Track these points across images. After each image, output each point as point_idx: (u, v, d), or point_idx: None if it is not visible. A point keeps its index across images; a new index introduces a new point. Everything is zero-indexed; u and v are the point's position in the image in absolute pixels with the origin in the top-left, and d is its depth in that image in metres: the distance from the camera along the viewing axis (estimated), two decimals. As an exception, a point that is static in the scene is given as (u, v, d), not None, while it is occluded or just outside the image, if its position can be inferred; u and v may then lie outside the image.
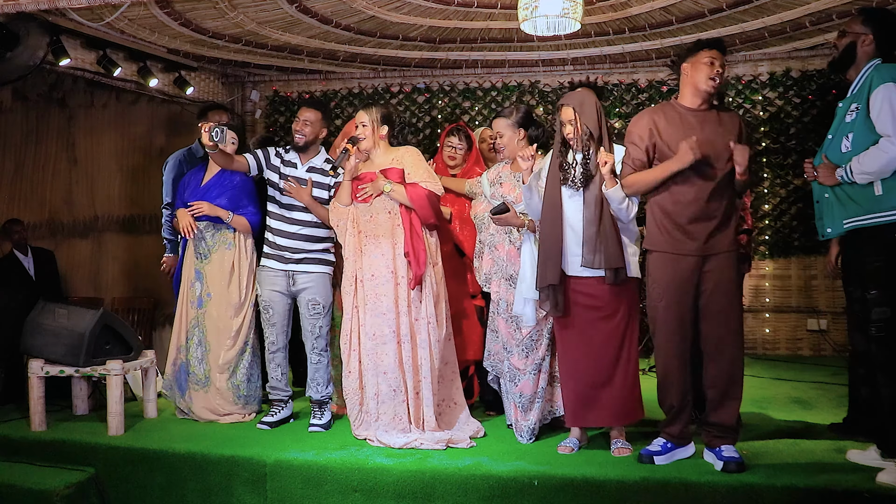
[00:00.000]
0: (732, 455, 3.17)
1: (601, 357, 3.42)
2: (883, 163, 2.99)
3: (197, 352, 4.19)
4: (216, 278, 4.17)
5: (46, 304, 4.28)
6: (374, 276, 3.73)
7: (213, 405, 4.17)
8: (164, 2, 4.57)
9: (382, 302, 3.71)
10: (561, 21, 3.96)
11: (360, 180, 3.81)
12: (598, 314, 3.42)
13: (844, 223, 3.16)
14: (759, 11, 4.95)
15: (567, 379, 3.51)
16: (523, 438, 3.66)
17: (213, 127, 3.73)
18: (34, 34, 4.47)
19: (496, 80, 6.65)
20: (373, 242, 3.76)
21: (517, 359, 3.68)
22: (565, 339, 3.51)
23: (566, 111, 3.42)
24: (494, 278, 3.84)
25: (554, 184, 3.44)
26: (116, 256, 6.18)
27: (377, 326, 3.71)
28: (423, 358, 3.70)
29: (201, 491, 3.55)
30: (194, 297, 4.21)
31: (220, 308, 4.17)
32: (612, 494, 3.10)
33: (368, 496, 3.32)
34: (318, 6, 4.83)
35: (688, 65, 3.30)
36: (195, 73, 6.23)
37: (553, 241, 3.41)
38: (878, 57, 3.16)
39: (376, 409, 3.71)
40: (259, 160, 4.07)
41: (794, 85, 6.13)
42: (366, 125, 3.82)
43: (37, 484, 3.55)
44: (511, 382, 3.71)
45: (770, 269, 6.24)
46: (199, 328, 4.20)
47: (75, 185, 5.88)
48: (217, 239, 4.19)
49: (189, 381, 4.21)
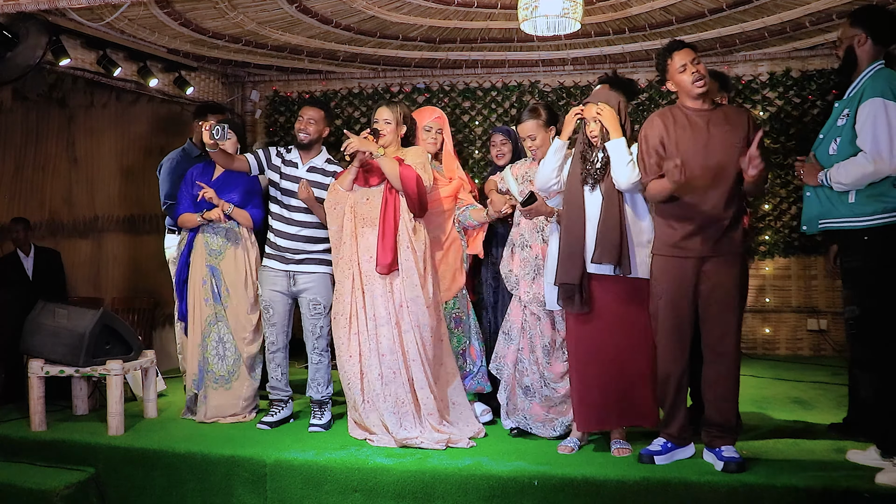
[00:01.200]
0: (732, 455, 3.18)
1: (617, 358, 3.40)
2: (857, 176, 3.06)
3: (218, 349, 4.18)
4: (232, 274, 4.18)
5: (46, 304, 4.28)
6: (370, 258, 3.75)
7: (233, 402, 4.16)
8: (164, 2, 4.57)
9: (378, 283, 3.73)
10: (561, 21, 3.96)
11: (368, 168, 3.82)
12: (615, 315, 3.41)
13: (820, 223, 3.23)
14: (759, 11, 4.95)
15: (580, 380, 3.49)
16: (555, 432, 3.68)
17: (213, 125, 3.74)
18: (34, 33, 4.47)
19: (496, 80, 6.65)
20: (369, 227, 3.77)
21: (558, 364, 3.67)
22: (580, 338, 3.48)
23: (590, 109, 3.43)
24: (525, 279, 3.75)
25: (575, 181, 3.45)
26: (116, 256, 6.18)
27: (376, 308, 3.73)
28: (409, 342, 3.70)
29: (201, 491, 3.55)
30: (208, 294, 4.19)
31: (238, 303, 4.18)
32: (612, 494, 3.10)
33: (368, 496, 3.32)
34: (318, 6, 4.83)
35: (669, 80, 3.34)
36: (195, 73, 6.23)
37: (575, 238, 3.40)
38: (878, 51, 3.16)
39: (381, 389, 3.70)
40: (260, 160, 4.08)
41: (794, 85, 6.13)
42: (389, 122, 3.82)
43: (37, 484, 3.55)
44: (546, 387, 3.69)
45: (770, 269, 6.25)
46: (219, 324, 4.18)
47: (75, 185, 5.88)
48: (230, 235, 4.19)
49: (206, 379, 4.18)
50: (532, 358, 3.72)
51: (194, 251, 4.25)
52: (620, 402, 3.43)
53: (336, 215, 3.84)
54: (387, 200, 3.76)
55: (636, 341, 3.41)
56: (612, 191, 3.36)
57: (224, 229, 4.18)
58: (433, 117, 4.15)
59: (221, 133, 3.75)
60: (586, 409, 3.48)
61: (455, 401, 3.87)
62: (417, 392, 3.70)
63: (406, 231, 3.75)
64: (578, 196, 3.43)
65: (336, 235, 3.85)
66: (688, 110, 3.30)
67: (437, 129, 4.13)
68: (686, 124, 3.28)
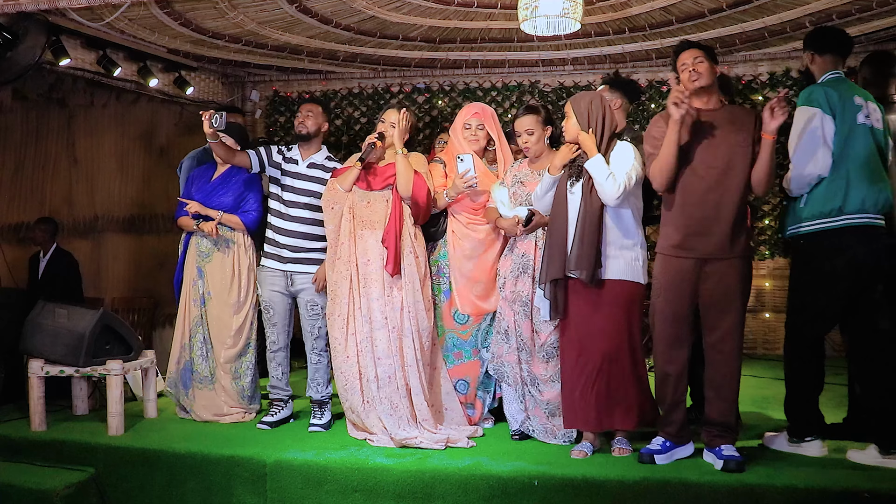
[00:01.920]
0: (732, 454, 3.18)
1: (598, 362, 3.38)
2: (788, 180, 3.32)
3: (201, 349, 4.20)
4: (217, 277, 4.19)
5: (46, 304, 4.29)
6: (368, 262, 3.75)
7: (217, 403, 4.17)
8: (164, 2, 4.57)
9: (374, 287, 3.73)
10: (561, 21, 3.96)
11: (372, 171, 3.82)
12: (595, 318, 3.39)
13: (788, 230, 3.42)
14: (759, 11, 4.95)
15: (564, 381, 3.51)
16: (559, 440, 3.65)
17: (212, 114, 3.79)
18: (32, 32, 4.47)
19: (496, 80, 6.65)
20: (368, 229, 3.77)
21: (538, 364, 3.66)
22: (563, 341, 3.51)
23: (566, 108, 3.49)
24: (510, 278, 3.72)
25: (563, 180, 3.46)
26: (116, 256, 6.18)
27: (372, 311, 3.72)
28: (408, 347, 3.70)
29: (201, 491, 3.55)
30: (197, 296, 4.22)
31: (220, 306, 4.18)
32: (612, 494, 3.10)
33: (368, 496, 3.32)
34: (318, 6, 4.83)
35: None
36: (195, 73, 6.23)
37: (559, 235, 3.40)
38: (829, 62, 3.39)
39: (377, 392, 3.70)
40: (261, 157, 4.09)
41: (794, 85, 6.13)
42: (395, 126, 3.82)
43: (37, 484, 3.55)
44: (534, 388, 3.68)
45: (770, 269, 6.24)
46: (203, 326, 4.20)
47: (75, 185, 5.88)
48: (219, 238, 4.19)
49: (193, 379, 4.21)
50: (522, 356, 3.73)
51: (189, 252, 4.28)
52: (603, 405, 3.41)
53: (333, 215, 3.85)
54: (394, 206, 3.75)
55: (618, 345, 3.38)
56: (591, 196, 3.34)
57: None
58: (471, 113, 3.93)
59: (220, 120, 3.81)
60: (569, 410, 3.50)
61: (448, 406, 3.85)
62: (413, 398, 3.70)
63: (409, 237, 3.76)
64: (563, 195, 3.44)
65: (333, 235, 3.85)
66: (693, 109, 3.30)
67: (476, 126, 3.90)
68: (691, 124, 3.27)
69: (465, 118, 3.96)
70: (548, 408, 3.65)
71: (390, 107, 3.93)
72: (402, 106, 3.92)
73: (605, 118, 3.42)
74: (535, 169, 3.75)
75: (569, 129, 3.45)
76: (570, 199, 3.42)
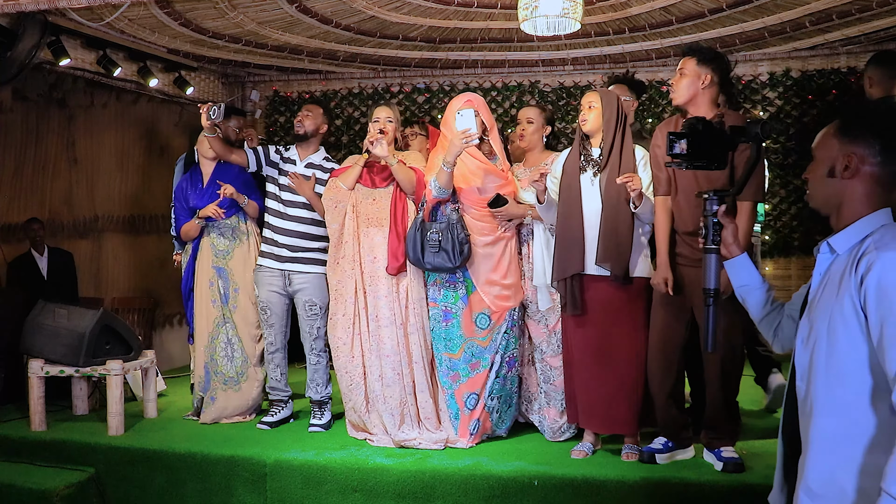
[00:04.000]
0: (731, 456, 3.18)
1: (614, 363, 3.37)
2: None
3: (226, 350, 4.18)
4: (240, 270, 4.21)
5: (46, 304, 4.29)
6: (375, 259, 3.74)
7: (241, 403, 4.17)
8: (164, 2, 4.57)
9: (382, 284, 3.72)
10: (561, 21, 3.96)
11: (374, 168, 3.82)
12: (613, 317, 3.38)
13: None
14: (759, 11, 4.94)
15: (577, 383, 3.48)
16: (561, 437, 3.66)
17: (210, 106, 3.79)
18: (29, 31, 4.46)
19: (496, 80, 6.64)
20: (374, 227, 3.77)
21: (552, 357, 3.67)
22: (577, 341, 3.46)
23: (586, 98, 3.45)
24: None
25: (572, 174, 3.42)
26: (116, 256, 6.17)
27: (378, 309, 3.72)
28: (414, 344, 3.70)
29: (201, 491, 3.55)
30: (215, 296, 4.20)
31: (248, 302, 4.21)
32: (612, 494, 3.10)
33: (368, 496, 3.32)
34: (318, 6, 4.83)
35: None
36: (195, 73, 6.23)
37: (573, 232, 3.36)
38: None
39: (382, 391, 3.69)
40: (259, 156, 4.10)
41: (793, 85, 6.13)
42: (391, 121, 3.82)
43: (37, 484, 3.55)
44: (547, 383, 3.69)
45: (770, 269, 6.24)
46: (226, 326, 4.19)
47: (75, 185, 5.87)
48: (236, 234, 4.22)
49: (214, 381, 4.18)
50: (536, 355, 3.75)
51: (200, 255, 4.26)
52: (602, 408, 3.41)
53: (337, 214, 3.84)
54: (397, 202, 3.76)
55: (623, 348, 3.37)
56: (616, 188, 3.29)
57: (230, 229, 4.20)
58: (463, 101, 3.74)
59: (218, 112, 3.81)
60: (571, 405, 3.51)
61: (443, 407, 3.84)
62: (418, 395, 3.70)
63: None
64: (576, 189, 3.40)
65: (336, 234, 3.84)
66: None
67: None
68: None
69: (457, 107, 3.83)
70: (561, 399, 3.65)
71: (382, 103, 3.95)
72: (391, 103, 3.97)
73: (627, 119, 3.45)
74: (527, 167, 3.81)
75: (592, 121, 3.42)
76: (586, 194, 3.39)
